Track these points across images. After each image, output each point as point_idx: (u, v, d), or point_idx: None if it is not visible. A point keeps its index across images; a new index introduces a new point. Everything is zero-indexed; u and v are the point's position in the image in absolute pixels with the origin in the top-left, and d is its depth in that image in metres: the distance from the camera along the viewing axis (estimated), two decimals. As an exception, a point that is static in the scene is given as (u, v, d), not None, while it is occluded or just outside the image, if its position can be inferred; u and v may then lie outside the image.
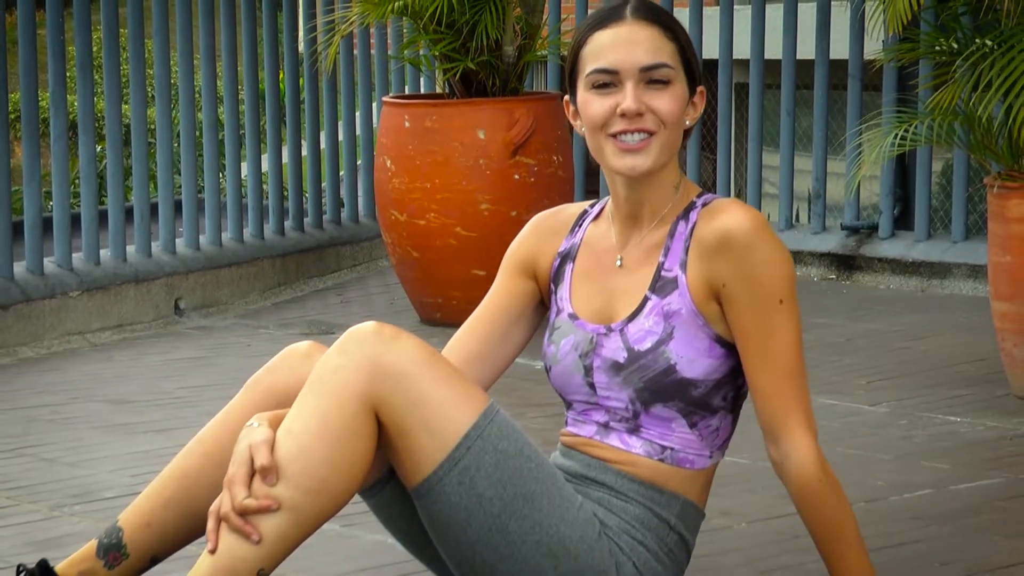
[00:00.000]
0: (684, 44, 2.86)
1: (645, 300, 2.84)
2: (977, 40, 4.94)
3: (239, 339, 6.21)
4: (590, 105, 2.84)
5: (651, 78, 2.83)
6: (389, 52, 7.76)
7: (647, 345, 2.82)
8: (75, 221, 6.45)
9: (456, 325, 6.65)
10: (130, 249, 6.63)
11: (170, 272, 6.67)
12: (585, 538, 2.77)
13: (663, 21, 2.86)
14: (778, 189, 7.42)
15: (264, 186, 7.38)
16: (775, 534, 3.72)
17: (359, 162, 7.87)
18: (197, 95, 7.05)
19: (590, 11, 7.95)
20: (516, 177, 6.19)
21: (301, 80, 7.58)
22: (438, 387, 2.74)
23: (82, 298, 6.30)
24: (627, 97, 2.81)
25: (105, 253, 6.53)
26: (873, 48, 6.66)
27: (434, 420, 2.73)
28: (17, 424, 4.91)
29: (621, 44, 2.83)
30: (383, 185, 6.35)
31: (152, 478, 2.99)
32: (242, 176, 7.28)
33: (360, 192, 7.84)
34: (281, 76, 7.47)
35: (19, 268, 6.19)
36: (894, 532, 3.74)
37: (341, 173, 7.80)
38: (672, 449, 2.85)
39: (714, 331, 2.81)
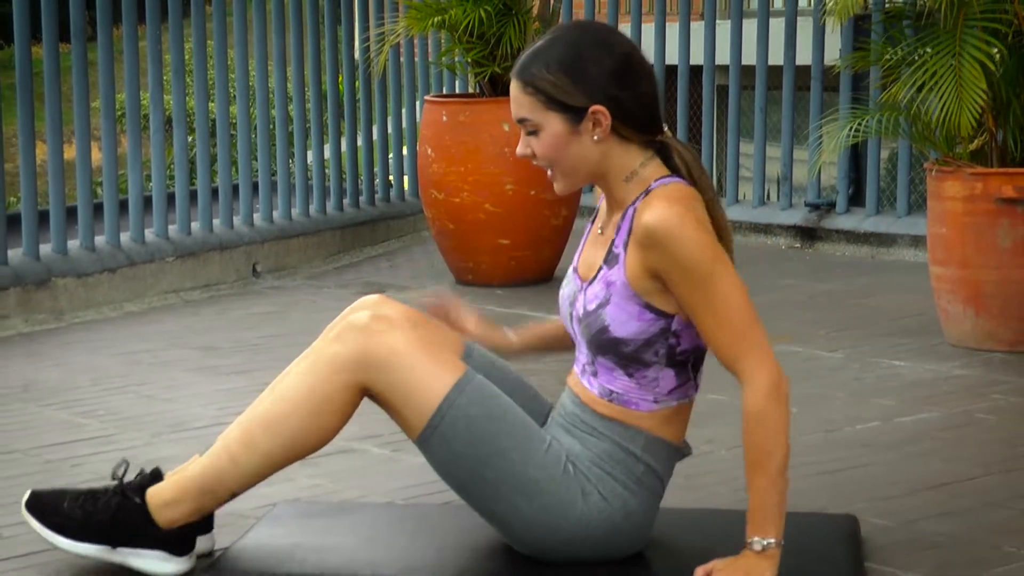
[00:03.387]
0: (547, 90, 2.76)
1: (600, 269, 2.80)
2: (919, 49, 4.92)
3: (306, 297, 6.21)
4: None
5: (525, 129, 2.81)
6: (430, 59, 7.75)
7: (592, 307, 2.79)
8: (170, 199, 6.47)
9: (486, 286, 6.69)
10: (216, 222, 6.64)
11: (249, 241, 6.68)
12: (553, 477, 2.77)
13: (523, 77, 2.79)
14: (752, 173, 7.41)
15: (326, 170, 7.37)
16: (749, 458, 3.72)
17: (405, 150, 7.86)
18: (271, 95, 7.04)
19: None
20: (535, 163, 6.17)
21: (357, 82, 7.57)
22: (415, 372, 2.77)
23: (176, 262, 6.31)
24: (519, 144, 2.84)
25: (195, 225, 6.54)
26: (832, 56, 6.64)
27: (412, 397, 2.78)
28: (123, 366, 4.92)
29: (511, 100, 2.83)
30: (424, 169, 6.34)
31: (234, 411, 3.00)
32: (308, 162, 7.28)
33: (405, 175, 7.83)
34: (340, 79, 7.46)
35: (124, 238, 6.20)
36: (848, 457, 3.73)
37: (390, 159, 7.80)
38: (617, 393, 2.80)
39: (644, 300, 2.74)
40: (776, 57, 7.27)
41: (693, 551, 2.89)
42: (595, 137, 2.77)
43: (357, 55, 7.56)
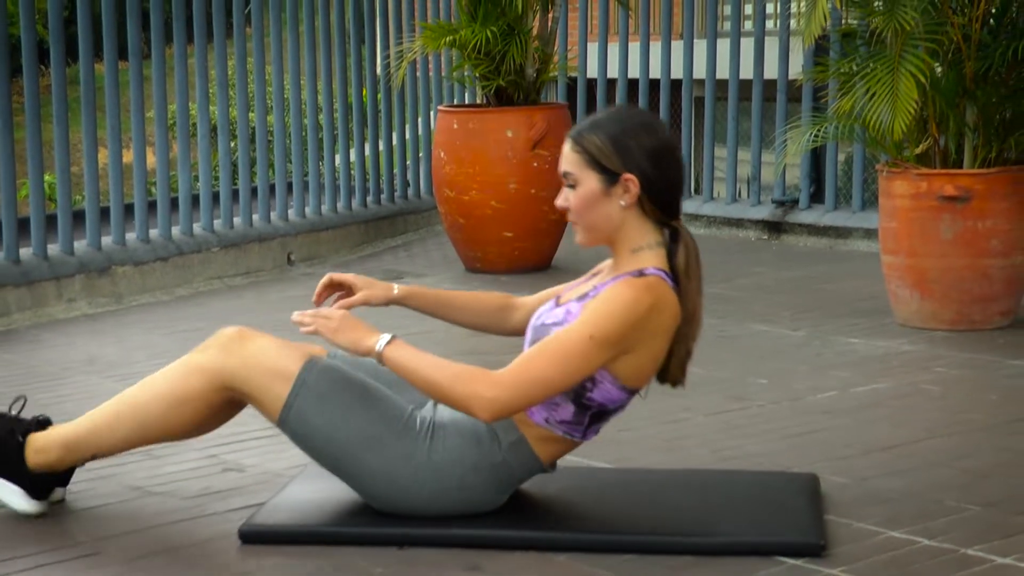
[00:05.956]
0: (592, 151, 2.78)
1: (571, 301, 2.84)
2: (870, 64, 4.91)
3: (334, 282, 6.20)
4: None
5: (567, 182, 2.82)
6: (442, 73, 7.74)
7: (549, 321, 2.83)
8: (215, 197, 6.46)
9: (491, 273, 6.67)
10: (255, 217, 6.63)
11: (284, 233, 6.67)
12: (393, 430, 2.79)
13: (574, 138, 2.81)
14: (725, 173, 7.40)
15: (352, 171, 7.36)
16: (724, 424, 3.72)
17: (421, 154, 7.85)
18: (303, 105, 7.03)
19: (589, 45, 7.91)
20: (535, 165, 6.17)
21: (379, 94, 7.56)
22: (266, 372, 2.83)
23: (220, 252, 6.31)
24: (559, 196, 2.84)
25: (237, 220, 6.53)
26: (795, 71, 6.63)
27: (268, 389, 2.83)
28: (175, 343, 4.92)
29: (562, 157, 2.84)
30: (438, 170, 6.34)
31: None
32: (336, 164, 7.27)
33: (421, 175, 7.82)
34: (364, 91, 7.45)
35: (175, 231, 6.20)
36: (810, 422, 3.73)
37: (408, 162, 7.79)
38: None
39: None
40: (747, 72, 7.26)
41: (673, 505, 2.89)
42: (622, 203, 2.79)
43: (379, 70, 7.55)
